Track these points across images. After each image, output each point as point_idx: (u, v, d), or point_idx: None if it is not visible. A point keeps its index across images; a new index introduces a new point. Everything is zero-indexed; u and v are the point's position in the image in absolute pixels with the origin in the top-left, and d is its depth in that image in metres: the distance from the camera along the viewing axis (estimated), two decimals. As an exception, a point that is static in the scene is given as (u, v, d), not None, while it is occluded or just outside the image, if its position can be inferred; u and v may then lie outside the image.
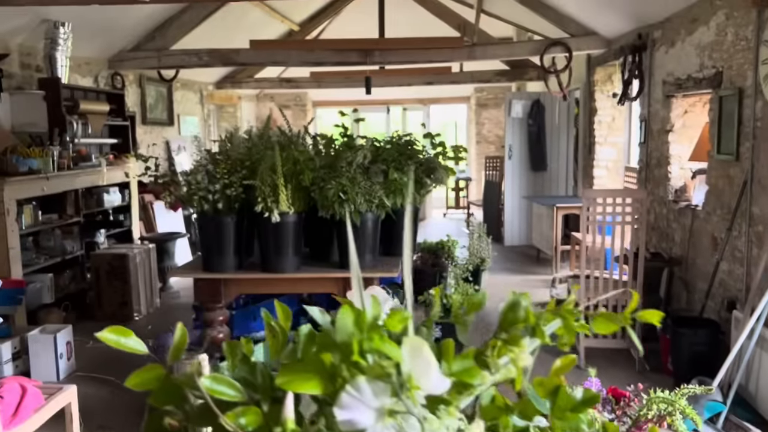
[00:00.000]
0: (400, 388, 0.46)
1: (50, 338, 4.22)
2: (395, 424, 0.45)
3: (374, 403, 0.46)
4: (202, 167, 3.57)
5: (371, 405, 0.45)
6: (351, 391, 0.45)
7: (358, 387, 0.46)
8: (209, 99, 9.49)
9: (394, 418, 0.45)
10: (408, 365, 0.47)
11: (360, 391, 0.46)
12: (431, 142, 4.37)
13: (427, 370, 0.47)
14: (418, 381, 0.46)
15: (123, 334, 0.56)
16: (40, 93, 5.25)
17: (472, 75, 9.01)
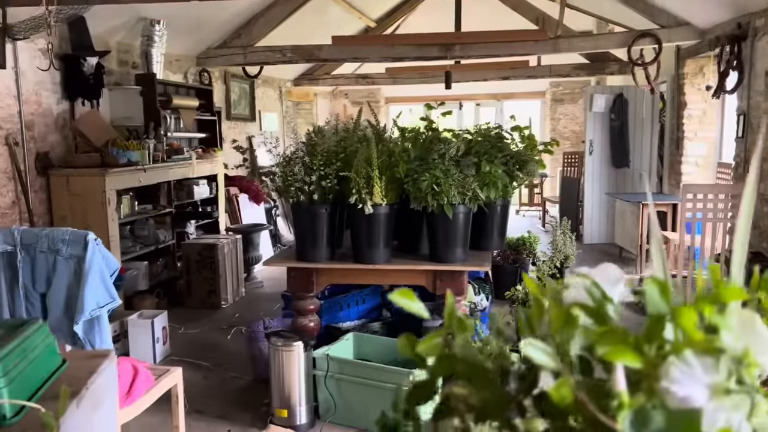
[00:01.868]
0: (738, 365, 0.43)
1: (148, 323, 4.40)
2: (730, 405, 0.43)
3: (706, 380, 0.43)
4: (299, 159, 3.63)
5: (703, 381, 0.43)
6: (681, 366, 0.43)
7: (687, 361, 0.43)
8: (287, 96, 9.67)
9: (730, 399, 0.43)
10: (741, 338, 0.44)
11: (689, 366, 0.43)
12: (520, 135, 4.29)
13: (763, 346, 0.44)
14: (755, 357, 0.43)
15: (409, 297, 0.55)
16: (137, 88, 5.47)
17: (551, 69, 8.80)
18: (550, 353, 0.47)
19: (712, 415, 0.42)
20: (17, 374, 0.96)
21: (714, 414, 0.42)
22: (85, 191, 4.70)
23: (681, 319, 0.44)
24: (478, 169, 3.78)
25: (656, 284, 0.47)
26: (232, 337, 4.88)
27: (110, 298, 2.60)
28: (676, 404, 0.43)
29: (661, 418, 0.42)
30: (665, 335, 0.47)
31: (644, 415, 0.42)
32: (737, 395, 0.43)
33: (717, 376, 0.43)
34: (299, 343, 3.47)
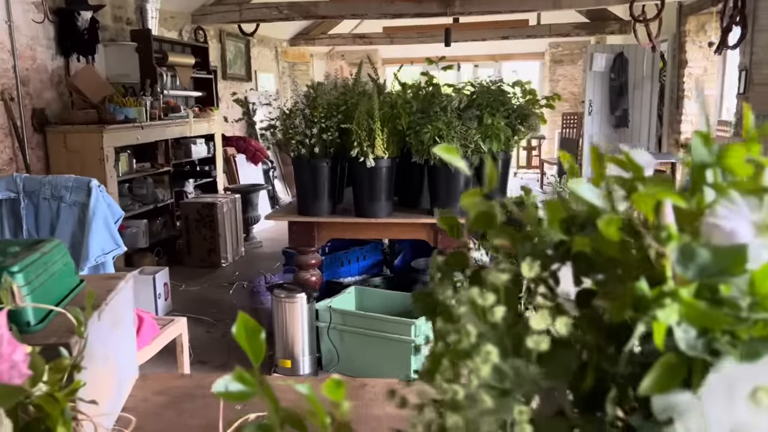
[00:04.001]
0: (783, 201, 0.43)
1: (149, 279, 4.41)
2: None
3: (752, 217, 0.43)
4: (299, 111, 3.60)
5: (748, 218, 0.43)
6: (727, 204, 0.43)
7: (733, 199, 0.43)
8: (283, 56, 9.54)
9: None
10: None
11: (735, 204, 0.43)
12: (522, 90, 4.26)
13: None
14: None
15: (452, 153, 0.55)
16: (133, 45, 5.39)
17: (550, 28, 8.70)
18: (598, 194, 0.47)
19: (758, 251, 0.42)
20: (39, 285, 0.96)
21: (759, 250, 0.42)
22: (83, 148, 4.66)
23: (729, 158, 0.44)
24: (480, 122, 3.76)
25: (700, 135, 0.46)
26: (233, 293, 4.91)
27: (115, 244, 2.60)
28: (723, 239, 0.42)
29: (707, 253, 0.42)
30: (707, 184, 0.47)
31: (691, 251, 0.42)
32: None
33: (762, 213, 0.43)
34: (302, 294, 3.49)
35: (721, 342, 0.41)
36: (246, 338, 0.57)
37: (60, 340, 1.03)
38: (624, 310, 0.42)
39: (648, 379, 0.40)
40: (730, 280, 0.42)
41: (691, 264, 0.42)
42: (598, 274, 0.49)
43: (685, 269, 0.42)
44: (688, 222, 0.45)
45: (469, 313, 0.46)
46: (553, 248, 0.55)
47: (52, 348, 1.02)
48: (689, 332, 0.42)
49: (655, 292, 0.41)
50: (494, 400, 0.45)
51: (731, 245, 0.42)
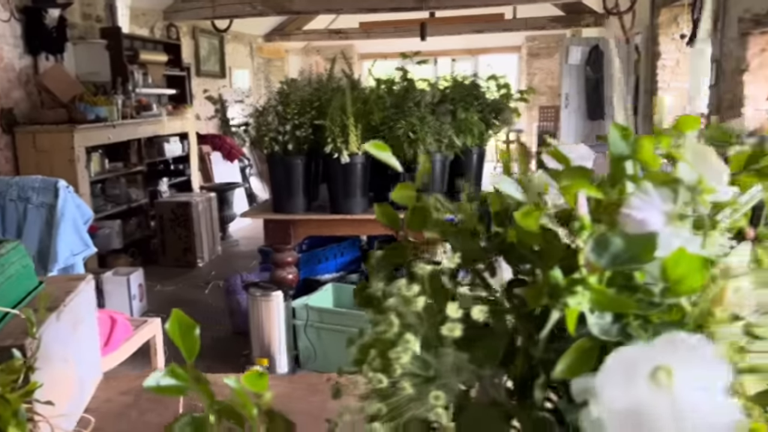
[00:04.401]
0: (693, 191, 0.44)
1: (123, 280, 4.37)
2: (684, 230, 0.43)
3: (663, 207, 0.44)
4: (272, 108, 3.58)
5: (660, 209, 0.44)
6: (640, 195, 0.44)
7: (646, 190, 0.44)
8: (258, 52, 9.48)
9: (684, 224, 0.43)
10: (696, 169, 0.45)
11: (648, 195, 0.44)
12: (496, 84, 4.28)
13: (716, 176, 0.45)
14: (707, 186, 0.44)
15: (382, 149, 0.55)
16: (102, 42, 5.31)
17: (526, 22, 8.74)
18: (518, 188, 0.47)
19: (668, 239, 0.43)
20: (-10, 287, 0.94)
21: (669, 238, 0.43)
22: (53, 148, 4.59)
23: (641, 151, 0.45)
24: (454, 116, 3.77)
25: (618, 128, 0.47)
26: (209, 292, 4.88)
27: (84, 246, 2.57)
28: (634, 228, 0.43)
29: (620, 242, 0.42)
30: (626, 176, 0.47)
31: (605, 240, 0.43)
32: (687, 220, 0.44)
33: (673, 204, 0.44)
34: (278, 292, 3.48)
35: (633, 326, 0.42)
36: (180, 335, 0.57)
37: (15, 342, 1.02)
38: (540, 297, 0.42)
39: (561, 363, 0.41)
40: (643, 267, 0.43)
41: (606, 252, 0.43)
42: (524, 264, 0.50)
43: (599, 257, 0.43)
44: (607, 212, 0.45)
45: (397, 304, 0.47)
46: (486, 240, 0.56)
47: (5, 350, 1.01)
48: (603, 318, 0.42)
49: (567, 281, 0.41)
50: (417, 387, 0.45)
51: (642, 234, 0.43)
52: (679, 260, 0.42)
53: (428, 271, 0.46)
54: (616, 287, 0.43)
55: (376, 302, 0.50)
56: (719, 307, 0.42)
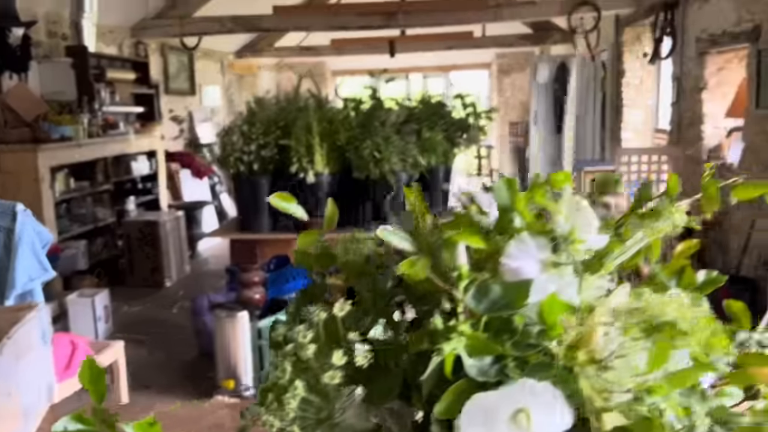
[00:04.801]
0: (564, 241, 0.45)
1: (88, 302, 4.30)
2: (558, 277, 0.45)
3: (538, 256, 0.45)
4: (237, 128, 3.58)
5: (536, 257, 0.45)
6: (517, 244, 0.45)
7: (523, 240, 0.46)
8: (230, 69, 9.47)
9: (558, 271, 0.45)
10: (569, 220, 0.47)
11: (525, 244, 0.45)
12: (462, 103, 4.33)
13: (587, 226, 0.47)
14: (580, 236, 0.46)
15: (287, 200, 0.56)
16: (68, 61, 5.26)
17: (495, 39, 8.87)
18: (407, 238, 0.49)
19: (543, 285, 0.44)
20: None
21: (545, 284, 0.44)
22: (17, 168, 4.51)
23: (518, 205, 0.47)
24: (420, 136, 3.81)
25: (505, 181, 0.49)
26: (176, 313, 4.82)
27: (43, 270, 2.52)
28: (512, 276, 0.45)
29: (498, 289, 0.44)
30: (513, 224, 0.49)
31: (485, 287, 0.44)
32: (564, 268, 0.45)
33: (549, 253, 0.46)
34: (244, 313, 3.45)
35: (510, 367, 0.43)
36: (89, 381, 0.57)
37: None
38: (421, 342, 0.44)
39: (440, 403, 0.42)
40: (521, 312, 0.45)
41: (485, 299, 0.44)
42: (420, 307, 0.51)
43: (478, 304, 0.44)
44: (490, 260, 0.47)
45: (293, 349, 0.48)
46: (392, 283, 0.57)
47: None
48: (482, 360, 0.44)
49: (444, 327, 0.42)
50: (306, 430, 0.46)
51: (518, 281, 0.44)
52: (552, 305, 0.44)
53: (322, 318, 0.47)
54: (494, 331, 0.44)
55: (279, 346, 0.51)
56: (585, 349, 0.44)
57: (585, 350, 0.42)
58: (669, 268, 0.61)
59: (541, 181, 0.49)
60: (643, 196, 0.57)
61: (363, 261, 0.54)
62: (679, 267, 0.61)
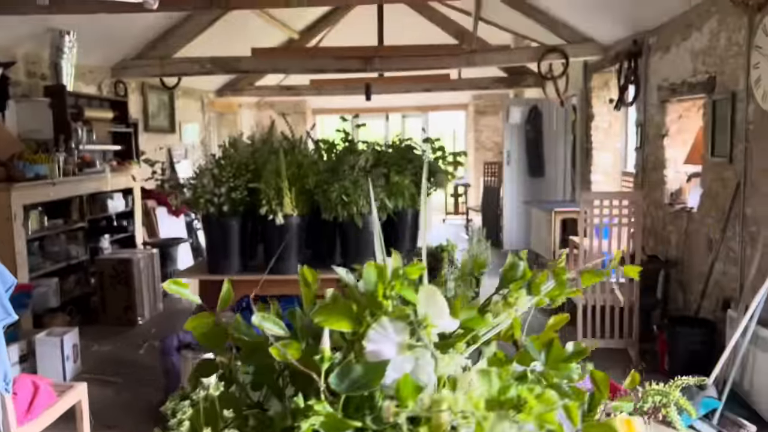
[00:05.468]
0: (418, 326, 0.54)
1: (57, 341, 4.28)
2: (413, 358, 0.53)
3: (396, 339, 0.53)
4: (208, 171, 3.66)
5: (394, 340, 0.53)
6: (377, 328, 0.53)
7: (383, 325, 0.54)
8: (210, 106, 9.58)
9: (413, 352, 0.53)
10: (424, 307, 0.55)
11: (384, 329, 0.53)
12: (431, 147, 4.46)
13: (440, 312, 0.55)
14: (432, 321, 0.54)
15: (182, 286, 0.64)
16: (46, 100, 5.33)
17: (471, 82, 9.11)
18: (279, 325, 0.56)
19: (400, 365, 0.52)
20: None
21: (401, 364, 0.52)
22: (-11, 206, 4.54)
23: (376, 293, 0.55)
24: (388, 179, 3.91)
25: (373, 267, 0.57)
26: (145, 352, 4.81)
27: (5, 314, 2.55)
28: (371, 358, 0.53)
29: (359, 369, 0.52)
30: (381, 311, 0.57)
31: (348, 367, 0.52)
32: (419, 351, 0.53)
33: (406, 336, 0.54)
34: (209, 354, 3.47)
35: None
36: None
37: None
38: (284, 420, 0.51)
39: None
40: (380, 389, 0.53)
41: (347, 379, 0.52)
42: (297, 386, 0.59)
43: (340, 383, 0.52)
44: (356, 342, 0.55)
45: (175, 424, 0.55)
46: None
47: None
48: (341, 437, 0.51)
49: (304, 406, 0.50)
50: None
51: (376, 362, 0.52)
52: (405, 383, 0.52)
53: (201, 397, 0.55)
54: (355, 407, 0.52)
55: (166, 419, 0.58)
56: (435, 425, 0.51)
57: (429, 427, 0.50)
58: (539, 340, 0.70)
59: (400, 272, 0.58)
60: (506, 278, 0.65)
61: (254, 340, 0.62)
62: (548, 340, 0.70)
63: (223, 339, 0.62)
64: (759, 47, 3.68)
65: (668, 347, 4.13)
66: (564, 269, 0.66)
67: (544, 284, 0.68)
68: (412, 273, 0.57)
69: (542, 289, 0.67)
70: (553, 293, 0.66)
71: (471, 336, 0.62)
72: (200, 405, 0.54)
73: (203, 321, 0.63)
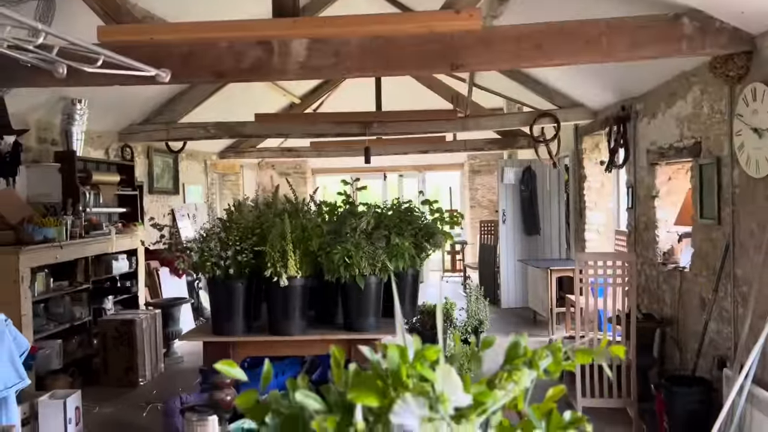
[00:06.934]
0: (436, 401, 0.65)
1: (60, 404, 4.31)
2: (433, 429, 0.64)
3: (418, 412, 0.65)
4: (215, 234, 3.78)
5: (416, 413, 0.65)
6: (401, 403, 0.64)
7: (406, 400, 0.65)
8: (213, 168, 9.81)
9: (432, 424, 0.64)
10: (441, 385, 0.66)
11: (407, 403, 0.65)
12: (429, 209, 4.62)
13: (454, 389, 0.66)
14: (448, 396, 0.65)
15: (231, 366, 0.75)
16: (56, 165, 5.51)
17: (465, 143, 9.38)
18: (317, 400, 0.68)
19: (422, 436, 0.63)
20: None
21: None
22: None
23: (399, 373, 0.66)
24: (389, 241, 4.05)
25: (396, 348, 0.69)
26: (148, 415, 4.81)
27: (18, 378, 2.62)
28: (395, 429, 0.64)
29: (387, 440, 0.63)
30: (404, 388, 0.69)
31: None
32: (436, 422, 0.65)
33: (426, 410, 0.65)
34: (214, 417, 3.51)
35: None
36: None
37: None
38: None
39: None
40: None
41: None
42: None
43: (372, 452, 0.63)
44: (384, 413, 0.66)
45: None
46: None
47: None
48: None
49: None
50: None
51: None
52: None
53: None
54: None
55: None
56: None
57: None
58: (539, 410, 0.81)
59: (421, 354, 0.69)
60: (510, 355, 0.77)
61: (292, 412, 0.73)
62: (547, 409, 0.81)
63: (265, 412, 0.73)
64: (740, 116, 3.89)
65: (667, 407, 4.17)
66: (560, 348, 0.78)
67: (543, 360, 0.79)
68: (430, 356, 0.69)
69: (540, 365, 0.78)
70: (550, 367, 0.77)
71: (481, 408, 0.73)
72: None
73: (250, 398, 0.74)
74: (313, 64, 3.69)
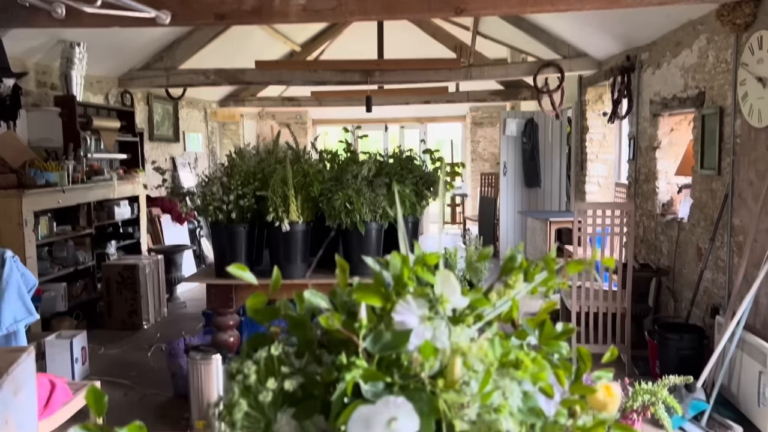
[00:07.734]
0: (436, 302, 0.68)
1: (66, 343, 4.41)
2: (432, 327, 0.68)
3: (418, 312, 0.68)
4: (217, 179, 3.80)
5: (416, 313, 0.68)
6: (402, 303, 0.68)
7: (407, 300, 0.68)
8: (213, 117, 9.75)
9: (431, 323, 0.68)
10: (440, 287, 0.69)
11: (408, 303, 0.68)
12: (430, 158, 4.62)
13: (453, 291, 0.69)
14: (447, 298, 0.68)
15: (242, 269, 0.78)
16: (56, 110, 5.48)
17: (468, 95, 9.30)
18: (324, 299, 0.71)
19: (421, 333, 0.67)
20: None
21: (422, 332, 0.67)
22: (1, 212, 4.67)
23: (401, 276, 0.70)
24: (389, 188, 4.07)
25: (399, 257, 0.72)
26: (152, 355, 4.93)
27: (27, 313, 2.69)
28: (398, 327, 0.67)
29: (389, 335, 0.66)
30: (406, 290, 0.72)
31: (379, 334, 0.67)
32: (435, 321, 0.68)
33: (426, 310, 0.69)
34: (217, 356, 3.60)
35: (396, 390, 0.65)
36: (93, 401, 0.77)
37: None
38: (332, 373, 0.66)
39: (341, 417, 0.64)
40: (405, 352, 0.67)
41: (379, 342, 0.67)
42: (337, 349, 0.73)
43: (373, 346, 0.67)
44: (386, 314, 0.70)
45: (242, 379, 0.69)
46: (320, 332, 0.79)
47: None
48: (376, 386, 0.66)
49: (347, 362, 0.65)
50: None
51: (402, 330, 0.67)
52: (426, 348, 0.66)
53: (263, 356, 0.69)
54: (385, 366, 0.67)
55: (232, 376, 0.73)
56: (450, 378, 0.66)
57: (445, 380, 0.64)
58: (533, 320, 0.84)
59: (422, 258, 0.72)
60: (506, 267, 0.80)
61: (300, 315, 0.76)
62: (541, 320, 0.84)
63: (274, 316, 0.76)
64: (745, 65, 3.86)
65: (659, 352, 4.27)
66: (554, 259, 0.81)
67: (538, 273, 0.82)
68: (430, 260, 0.72)
69: (536, 278, 0.81)
70: (545, 281, 0.80)
71: (477, 314, 0.76)
72: (261, 363, 0.68)
73: (259, 300, 0.77)
74: (315, 6, 3.64)
